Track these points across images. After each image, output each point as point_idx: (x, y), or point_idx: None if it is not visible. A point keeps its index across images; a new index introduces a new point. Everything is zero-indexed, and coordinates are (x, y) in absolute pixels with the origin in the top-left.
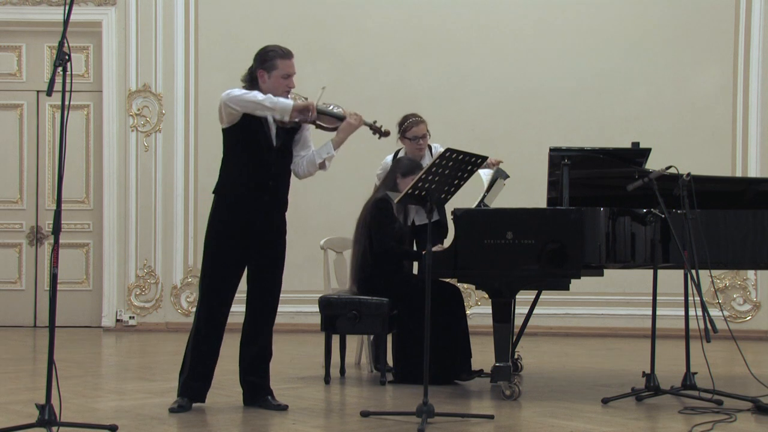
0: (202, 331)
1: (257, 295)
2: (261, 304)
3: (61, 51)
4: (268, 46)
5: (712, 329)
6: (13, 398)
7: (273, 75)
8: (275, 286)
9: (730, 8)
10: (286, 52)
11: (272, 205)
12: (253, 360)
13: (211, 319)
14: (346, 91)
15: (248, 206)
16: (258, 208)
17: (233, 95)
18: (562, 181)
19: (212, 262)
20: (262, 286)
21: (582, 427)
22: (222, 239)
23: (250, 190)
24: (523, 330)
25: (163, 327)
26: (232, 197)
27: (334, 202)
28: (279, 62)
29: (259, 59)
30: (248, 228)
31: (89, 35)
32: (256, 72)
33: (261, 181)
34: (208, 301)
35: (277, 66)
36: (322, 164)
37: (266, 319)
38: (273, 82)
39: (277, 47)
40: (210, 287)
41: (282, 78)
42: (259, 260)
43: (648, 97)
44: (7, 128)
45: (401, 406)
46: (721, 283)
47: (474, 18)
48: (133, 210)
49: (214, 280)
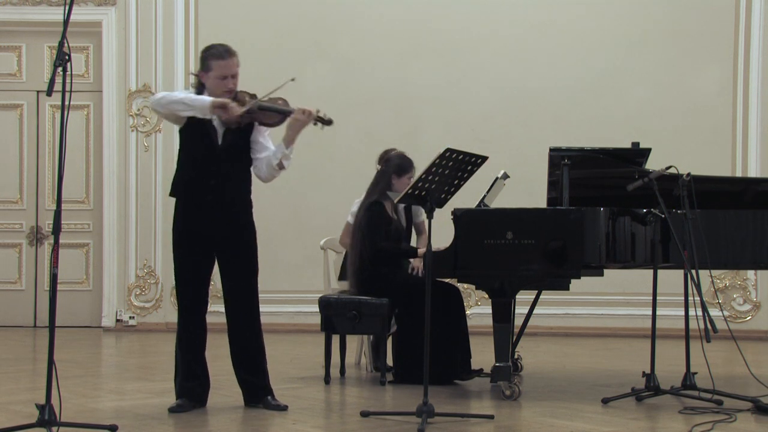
0: (183, 332)
1: (230, 293)
2: (234, 301)
3: (61, 51)
4: (208, 47)
5: (712, 329)
6: (13, 398)
7: (210, 76)
8: (246, 282)
9: (730, 8)
10: (222, 51)
11: (219, 204)
12: (244, 358)
13: (189, 320)
14: (346, 92)
15: (195, 205)
16: (205, 206)
17: (155, 98)
18: (562, 181)
19: (178, 263)
20: (233, 283)
21: (582, 427)
22: (181, 239)
23: (194, 189)
24: (523, 330)
25: (163, 327)
26: (181, 197)
27: (333, 202)
28: (213, 63)
29: (200, 60)
30: (201, 227)
31: (89, 35)
32: (199, 73)
33: (203, 180)
34: (182, 303)
35: (212, 67)
36: (280, 164)
37: (245, 316)
38: (212, 84)
39: (215, 47)
40: (181, 288)
41: (219, 79)
42: (222, 257)
43: (648, 97)
44: (7, 128)
45: (401, 406)
46: (721, 283)
47: (474, 18)
48: (133, 210)
49: (182, 281)
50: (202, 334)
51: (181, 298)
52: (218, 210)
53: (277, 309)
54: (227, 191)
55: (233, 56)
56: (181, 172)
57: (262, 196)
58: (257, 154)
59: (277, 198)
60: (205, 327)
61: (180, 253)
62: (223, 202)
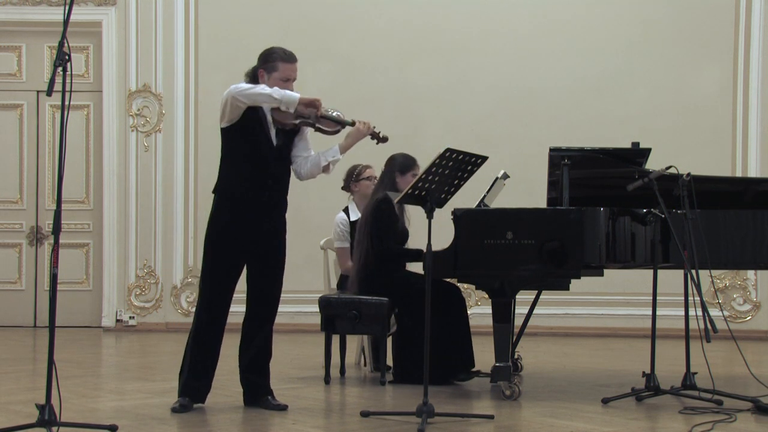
0: (202, 330)
1: (257, 294)
2: (260, 303)
3: (61, 51)
4: (274, 48)
5: (712, 329)
6: (13, 398)
7: (272, 77)
8: (275, 286)
9: (730, 8)
10: (290, 55)
11: (271, 204)
12: (252, 360)
13: (211, 319)
14: (347, 91)
15: (248, 204)
16: (258, 206)
17: (241, 89)
18: (562, 181)
19: (212, 261)
20: (262, 286)
21: (582, 427)
22: (222, 238)
23: (250, 188)
24: (523, 330)
25: (163, 327)
26: (232, 196)
27: (333, 202)
28: (280, 65)
29: (263, 59)
30: (248, 226)
31: (89, 35)
32: (258, 71)
33: (261, 179)
34: (207, 301)
35: (278, 68)
36: (326, 167)
37: (265, 319)
38: (271, 84)
39: (281, 50)
40: (210, 286)
41: (281, 81)
42: (258, 260)
43: (648, 97)
44: (7, 128)
45: (401, 406)
46: (721, 283)
47: (474, 18)
48: (133, 210)
49: (214, 280)
50: (221, 335)
51: (207, 297)
52: (273, 209)
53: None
54: (280, 190)
55: (296, 61)
56: (234, 170)
57: None
58: (301, 152)
59: None
60: (222, 331)
61: (218, 252)
62: (279, 202)
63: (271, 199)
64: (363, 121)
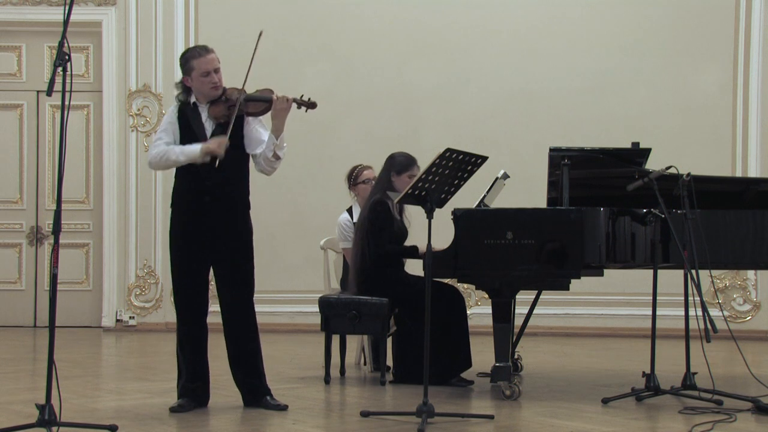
0: (184, 334)
1: (226, 294)
2: (231, 302)
3: (61, 51)
4: (186, 49)
5: (712, 329)
6: (13, 398)
7: (194, 76)
8: (243, 284)
9: (730, 8)
10: (201, 50)
11: (216, 206)
12: (240, 360)
13: (189, 322)
14: (347, 91)
15: (192, 210)
16: (201, 210)
17: (151, 162)
18: (562, 181)
19: (175, 270)
20: (230, 285)
21: (582, 427)
22: (179, 248)
23: (190, 194)
24: (523, 330)
25: (163, 327)
26: (178, 206)
27: (333, 202)
28: (194, 62)
29: (181, 65)
30: (198, 233)
31: (89, 35)
32: (182, 79)
33: (198, 183)
34: (181, 307)
35: (194, 66)
36: (275, 155)
37: (241, 317)
38: (196, 83)
39: (192, 48)
40: (179, 296)
41: (202, 77)
42: (219, 263)
43: (648, 97)
44: (7, 128)
45: (401, 406)
46: (721, 283)
47: (474, 18)
48: (133, 210)
49: (182, 289)
50: (204, 336)
51: (180, 304)
52: (221, 210)
53: (277, 309)
54: (225, 190)
55: (211, 52)
56: (177, 180)
57: (262, 196)
58: (254, 150)
59: (277, 198)
60: (205, 330)
61: (178, 261)
62: (226, 202)
63: (213, 200)
64: (281, 96)
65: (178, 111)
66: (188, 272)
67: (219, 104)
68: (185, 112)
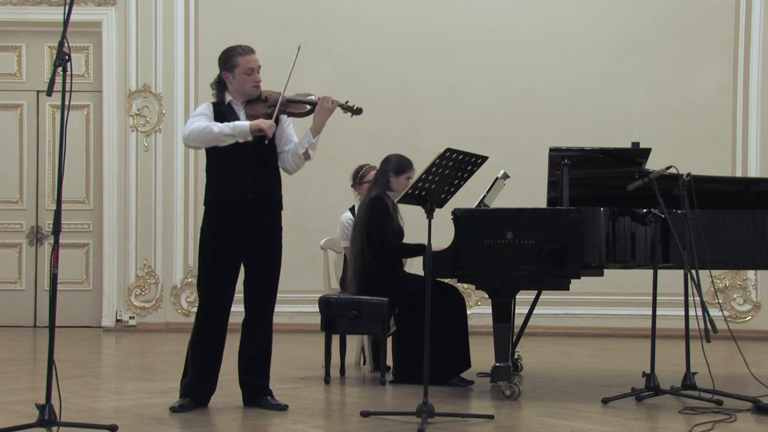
0: (202, 333)
1: (253, 294)
2: (257, 303)
3: (61, 51)
4: (229, 47)
5: (712, 329)
6: (13, 398)
7: (236, 73)
8: (271, 285)
9: (730, 8)
10: (246, 48)
11: (257, 204)
12: (251, 359)
13: (210, 322)
14: (347, 91)
15: (233, 209)
16: (243, 209)
17: (189, 136)
18: (562, 181)
19: (208, 268)
20: (258, 285)
21: (582, 427)
22: (214, 245)
23: (232, 191)
24: (523, 330)
25: (163, 327)
26: (217, 204)
27: (333, 202)
28: (239, 59)
29: (222, 62)
30: (239, 231)
31: (89, 35)
32: (222, 75)
33: (240, 180)
34: (205, 305)
35: (238, 63)
36: (306, 154)
37: (263, 319)
38: (238, 81)
39: (236, 46)
40: (206, 292)
41: (245, 74)
42: (254, 261)
43: (648, 97)
44: (7, 128)
45: (401, 406)
46: (721, 283)
47: (474, 18)
48: (133, 210)
49: (209, 285)
50: (219, 336)
51: (205, 302)
52: (261, 208)
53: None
54: (265, 188)
55: (254, 52)
56: (214, 178)
57: None
58: (283, 146)
59: None
60: (224, 333)
61: (212, 259)
62: (265, 200)
63: (255, 198)
64: (325, 97)
65: (214, 108)
66: (222, 268)
67: (258, 104)
68: (221, 110)
